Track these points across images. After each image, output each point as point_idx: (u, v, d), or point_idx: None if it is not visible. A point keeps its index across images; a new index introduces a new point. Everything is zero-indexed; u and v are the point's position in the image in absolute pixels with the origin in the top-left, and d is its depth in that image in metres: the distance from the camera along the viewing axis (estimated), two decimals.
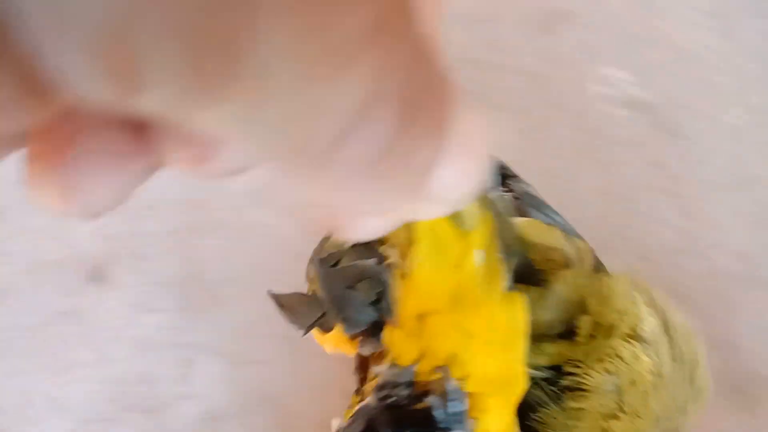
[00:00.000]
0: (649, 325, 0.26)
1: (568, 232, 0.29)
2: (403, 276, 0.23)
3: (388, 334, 0.23)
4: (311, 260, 0.29)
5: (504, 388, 0.23)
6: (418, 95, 0.10)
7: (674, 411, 0.25)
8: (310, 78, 0.08)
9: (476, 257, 0.22)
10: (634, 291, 0.27)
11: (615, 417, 0.24)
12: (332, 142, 0.09)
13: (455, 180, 0.12)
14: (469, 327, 0.22)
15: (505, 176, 0.30)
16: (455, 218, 0.22)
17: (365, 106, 0.09)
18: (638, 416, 0.24)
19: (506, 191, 0.30)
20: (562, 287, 0.24)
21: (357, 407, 0.24)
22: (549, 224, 0.27)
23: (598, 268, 0.28)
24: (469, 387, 0.21)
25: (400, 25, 0.09)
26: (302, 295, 0.27)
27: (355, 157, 0.09)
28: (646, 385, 0.25)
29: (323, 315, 0.26)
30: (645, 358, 0.25)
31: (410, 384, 0.21)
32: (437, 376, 0.21)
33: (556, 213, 0.30)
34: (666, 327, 0.27)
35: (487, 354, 0.22)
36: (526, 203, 0.29)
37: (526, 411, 0.24)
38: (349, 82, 0.09)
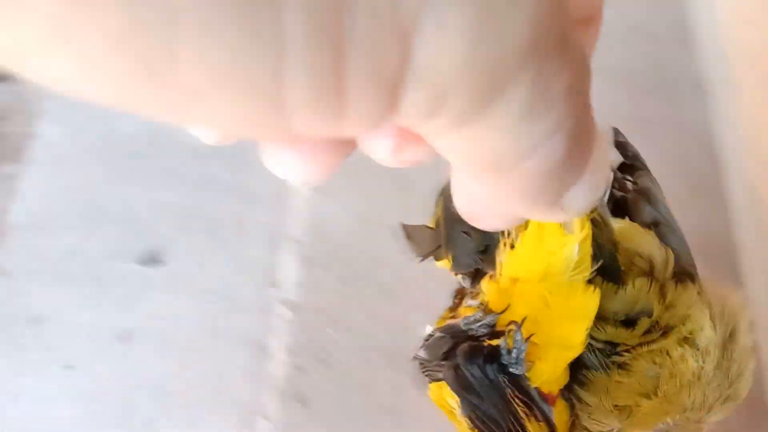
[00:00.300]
0: (707, 335, 0.31)
1: (668, 234, 0.33)
2: (510, 245, 0.29)
3: (485, 283, 0.30)
4: (441, 191, 0.35)
5: (562, 348, 0.29)
6: (583, 129, 0.13)
7: (702, 407, 0.31)
8: (528, 110, 0.12)
9: (571, 251, 0.28)
10: (702, 302, 0.31)
11: (648, 397, 0.30)
12: (523, 154, 0.12)
13: (584, 196, 0.15)
14: (549, 299, 0.28)
15: (634, 167, 0.34)
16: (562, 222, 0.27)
17: (552, 132, 0.12)
18: (668, 402, 0.30)
19: (632, 182, 0.34)
20: (633, 291, 0.29)
21: (448, 322, 0.32)
22: (647, 228, 0.31)
23: (681, 274, 0.32)
24: (534, 340, 0.28)
25: (585, 88, 0.13)
26: (426, 227, 0.34)
27: (532, 169, 0.13)
28: (684, 381, 0.30)
29: (438, 247, 0.33)
30: (691, 362, 0.30)
31: (491, 326, 0.28)
32: (510, 327, 0.28)
33: (669, 212, 0.34)
34: (727, 341, 0.32)
35: (556, 322, 0.29)
36: (644, 198, 0.33)
37: (579, 366, 0.31)
38: (549, 115, 0.12)
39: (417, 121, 0.11)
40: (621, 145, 0.34)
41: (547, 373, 0.29)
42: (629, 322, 0.30)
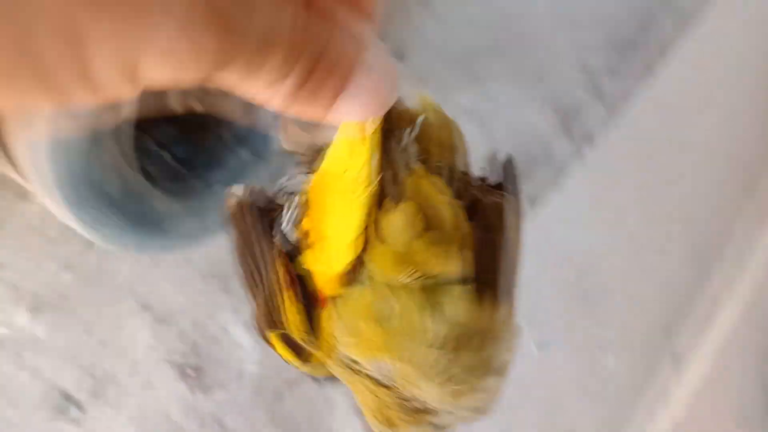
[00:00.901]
0: (457, 316, 0.34)
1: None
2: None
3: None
4: None
5: (333, 247, 0.35)
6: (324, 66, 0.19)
7: (418, 367, 0.34)
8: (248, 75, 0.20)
9: (361, 170, 0.34)
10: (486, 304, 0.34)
11: (376, 323, 0.34)
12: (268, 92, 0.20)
13: (353, 109, 0.20)
14: (336, 202, 0.35)
15: (504, 189, 0.38)
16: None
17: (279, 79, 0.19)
18: (387, 337, 0.34)
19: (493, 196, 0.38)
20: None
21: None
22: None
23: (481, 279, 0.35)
24: (308, 223, 0.36)
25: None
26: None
27: (285, 93, 0.20)
28: (408, 329, 0.34)
29: None
30: (423, 319, 0.34)
31: (291, 192, 0.36)
32: (298, 198, 0.36)
33: (514, 237, 0.37)
34: (478, 346, 0.34)
35: (334, 221, 0.35)
36: (494, 212, 0.37)
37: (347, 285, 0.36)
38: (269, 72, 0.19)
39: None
40: (506, 170, 0.39)
41: (318, 261, 0.36)
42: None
